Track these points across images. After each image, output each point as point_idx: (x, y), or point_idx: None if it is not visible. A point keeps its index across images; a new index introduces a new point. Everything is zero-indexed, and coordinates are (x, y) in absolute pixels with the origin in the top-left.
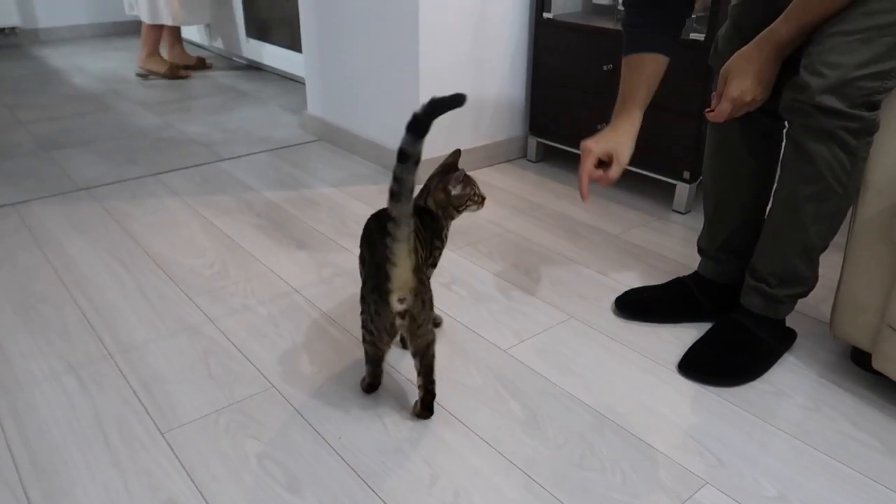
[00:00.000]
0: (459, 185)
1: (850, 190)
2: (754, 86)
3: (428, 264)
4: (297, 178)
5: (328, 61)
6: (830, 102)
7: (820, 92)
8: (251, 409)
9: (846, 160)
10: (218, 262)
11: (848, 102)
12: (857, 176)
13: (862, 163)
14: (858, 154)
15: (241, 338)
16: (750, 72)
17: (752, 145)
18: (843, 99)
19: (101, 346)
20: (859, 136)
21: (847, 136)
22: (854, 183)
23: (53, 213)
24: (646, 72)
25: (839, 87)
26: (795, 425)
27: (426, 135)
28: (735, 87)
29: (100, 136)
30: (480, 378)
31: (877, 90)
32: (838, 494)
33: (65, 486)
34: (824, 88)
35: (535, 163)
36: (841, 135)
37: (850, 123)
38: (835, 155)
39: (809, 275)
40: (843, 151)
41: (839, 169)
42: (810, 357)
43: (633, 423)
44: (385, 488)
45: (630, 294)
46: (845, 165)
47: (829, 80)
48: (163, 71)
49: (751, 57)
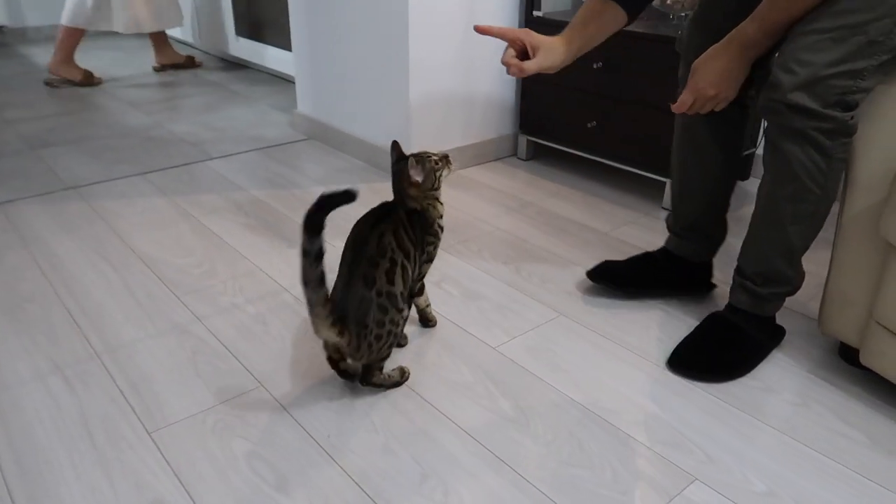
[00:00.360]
0: (417, 167)
1: (829, 191)
2: (719, 81)
3: (422, 261)
4: (287, 177)
5: (318, 60)
6: (802, 101)
7: (791, 89)
8: (239, 409)
9: (821, 161)
10: (206, 261)
11: (820, 102)
12: (834, 176)
13: (839, 164)
14: (834, 155)
15: (230, 337)
16: (715, 67)
17: (714, 132)
18: (815, 98)
19: (88, 346)
20: (833, 137)
21: (820, 137)
22: (832, 184)
23: (40, 213)
24: (602, 17)
25: (810, 85)
26: (784, 421)
27: (322, 231)
28: (699, 78)
29: (88, 135)
30: (470, 375)
31: (850, 89)
32: (826, 489)
33: (50, 486)
34: (795, 86)
35: (525, 161)
36: (814, 135)
37: (822, 124)
38: (809, 156)
39: (793, 274)
40: (818, 152)
41: (815, 170)
42: (799, 353)
43: (622, 420)
44: (375, 487)
45: (603, 265)
46: (820, 166)
47: (801, 77)
48: (78, 79)
49: (718, 53)
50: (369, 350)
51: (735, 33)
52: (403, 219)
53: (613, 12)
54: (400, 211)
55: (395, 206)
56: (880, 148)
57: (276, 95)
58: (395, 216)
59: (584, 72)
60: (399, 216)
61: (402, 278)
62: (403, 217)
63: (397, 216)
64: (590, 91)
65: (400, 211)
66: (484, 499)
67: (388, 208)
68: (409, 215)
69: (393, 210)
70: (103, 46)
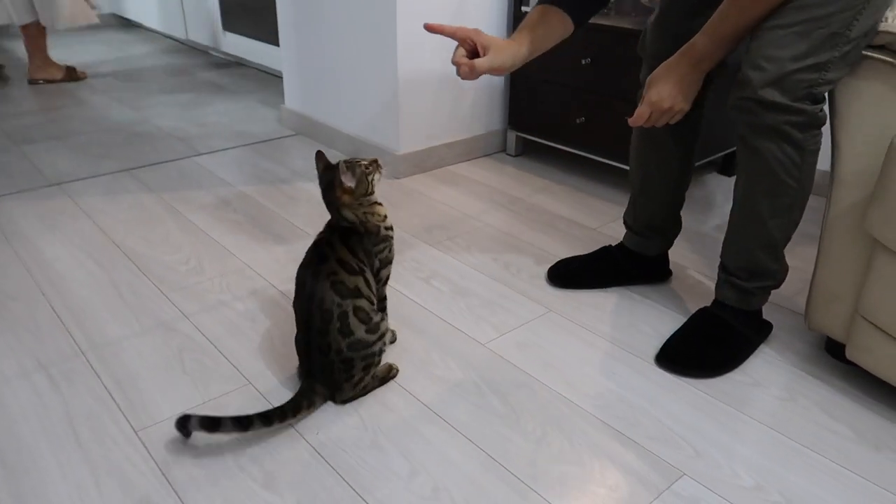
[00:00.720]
0: (348, 173)
1: (804, 183)
2: (673, 94)
3: (380, 268)
4: (275, 173)
5: (306, 55)
6: (772, 97)
7: (762, 86)
8: (227, 406)
9: (795, 154)
10: (193, 257)
11: (790, 96)
12: (808, 169)
13: (812, 156)
14: (806, 147)
15: (217, 334)
16: (670, 80)
17: (673, 131)
18: (785, 92)
19: (73, 344)
20: (805, 129)
21: (792, 131)
22: (807, 176)
23: (23, 209)
24: (550, 22)
25: (779, 80)
26: (771, 416)
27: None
28: (654, 92)
29: (72, 130)
30: (459, 372)
31: (816, 82)
32: (813, 483)
33: (35, 485)
34: (765, 82)
35: (514, 157)
36: (786, 129)
37: (794, 117)
38: (783, 150)
39: (776, 267)
40: (791, 146)
41: (789, 164)
42: (785, 348)
43: (610, 416)
44: (363, 483)
45: (560, 265)
46: (794, 160)
47: (769, 73)
48: (60, 77)
49: (671, 67)
50: (353, 390)
51: (686, 48)
52: (341, 250)
53: (560, 18)
54: (335, 240)
55: (331, 235)
56: (864, 144)
57: (263, 91)
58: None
59: (572, 68)
60: (335, 250)
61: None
62: (340, 247)
63: (333, 251)
64: (578, 87)
65: (335, 240)
66: (473, 494)
67: (321, 248)
68: (348, 237)
69: (329, 244)
70: (87, 41)
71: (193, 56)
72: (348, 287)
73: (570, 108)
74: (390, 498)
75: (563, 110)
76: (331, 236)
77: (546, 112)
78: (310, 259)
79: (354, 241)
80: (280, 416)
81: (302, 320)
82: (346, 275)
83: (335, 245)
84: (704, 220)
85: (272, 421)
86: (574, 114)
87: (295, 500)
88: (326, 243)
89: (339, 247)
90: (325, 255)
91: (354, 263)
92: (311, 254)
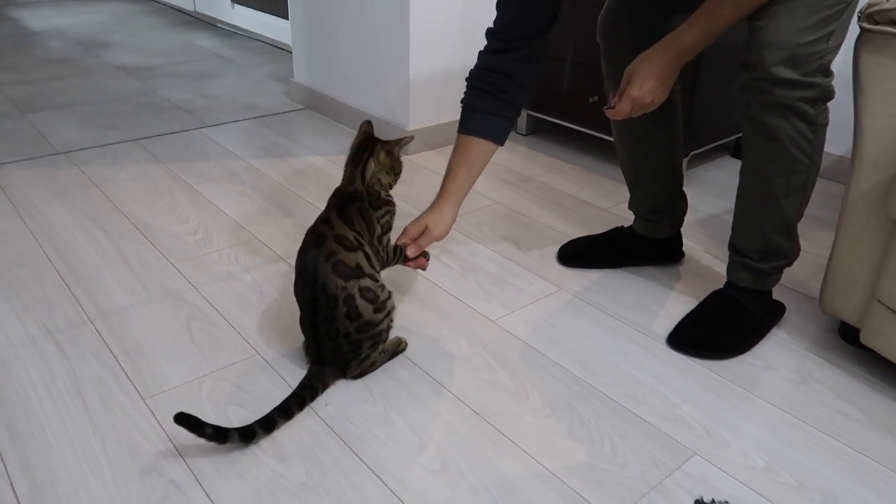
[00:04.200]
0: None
1: (816, 159)
2: (655, 88)
3: (381, 233)
4: (283, 147)
5: (315, 28)
6: (786, 74)
7: (775, 64)
8: (235, 377)
9: (807, 130)
10: (201, 228)
11: (802, 70)
12: (819, 144)
13: (823, 131)
14: (818, 122)
15: (225, 305)
16: (652, 75)
17: (654, 118)
18: (797, 67)
19: (81, 311)
20: (816, 104)
21: (805, 106)
22: (818, 151)
23: (30, 177)
24: (470, 156)
25: (791, 56)
26: (783, 398)
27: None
28: (636, 88)
29: (79, 99)
30: (469, 348)
31: (824, 52)
32: (825, 466)
33: (42, 451)
34: (778, 60)
35: (525, 136)
36: (799, 106)
37: (806, 92)
38: (795, 127)
39: (790, 246)
40: (804, 122)
41: (802, 140)
42: (798, 332)
43: (621, 395)
44: (372, 456)
45: (571, 244)
46: (807, 136)
47: (781, 51)
48: None
49: (653, 60)
50: (361, 366)
51: (671, 41)
52: (338, 225)
53: (478, 146)
54: (332, 216)
55: (328, 211)
56: (887, 125)
57: (271, 64)
58: (329, 232)
59: (586, 46)
60: (333, 226)
61: (369, 295)
62: (337, 221)
63: (331, 229)
64: (592, 65)
65: (332, 216)
66: (482, 469)
67: (319, 229)
68: (345, 207)
69: (326, 221)
70: (95, 11)
71: (201, 28)
72: (349, 266)
73: (583, 87)
74: (399, 471)
75: (576, 89)
76: (328, 213)
77: (558, 90)
78: (308, 243)
79: (353, 211)
80: (299, 404)
81: (307, 306)
82: (346, 252)
83: (332, 221)
84: (717, 202)
85: (292, 412)
86: (587, 92)
87: (303, 471)
88: (323, 221)
89: (336, 222)
90: (322, 236)
91: (352, 237)
92: (309, 237)
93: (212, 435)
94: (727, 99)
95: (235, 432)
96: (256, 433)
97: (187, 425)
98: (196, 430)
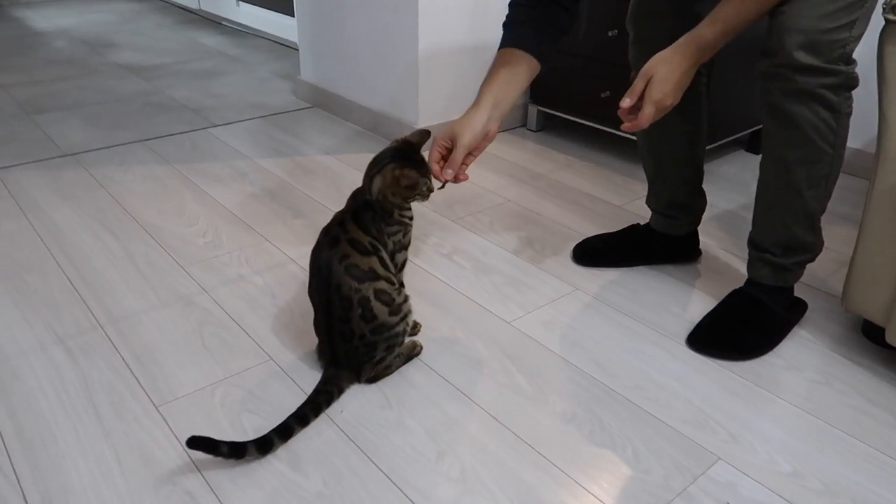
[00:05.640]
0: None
1: (839, 149)
2: (675, 92)
3: (394, 250)
4: (291, 146)
5: (322, 25)
6: (807, 60)
7: (795, 49)
8: (248, 383)
9: (830, 118)
10: (211, 230)
11: (824, 57)
12: (843, 133)
13: (846, 119)
14: (842, 110)
15: (237, 308)
16: (673, 76)
17: (678, 110)
18: (819, 54)
19: (90, 316)
20: (839, 91)
21: (828, 94)
22: (841, 141)
23: (37, 179)
24: (509, 63)
25: (813, 42)
26: (807, 399)
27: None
28: (657, 90)
29: (85, 100)
30: (485, 351)
31: (847, 40)
32: (853, 470)
33: (54, 459)
34: (799, 45)
35: (535, 132)
36: (822, 93)
37: (829, 79)
38: (818, 114)
39: (813, 240)
40: (827, 110)
41: (825, 128)
42: (820, 331)
43: (642, 398)
44: (390, 464)
45: (586, 243)
46: (830, 124)
47: (803, 37)
48: None
49: (674, 61)
50: (375, 369)
51: (692, 39)
52: (353, 229)
53: (522, 59)
54: (347, 219)
55: (344, 214)
56: None
57: (277, 62)
58: (343, 235)
59: (598, 40)
60: (347, 230)
61: (385, 297)
62: (351, 226)
63: (345, 232)
64: (604, 60)
65: (347, 219)
66: (502, 476)
67: (333, 231)
68: (361, 213)
69: (341, 224)
70: (99, 10)
71: (206, 26)
72: (362, 269)
73: (596, 82)
74: (418, 479)
75: (588, 84)
76: (343, 215)
77: (570, 86)
78: (321, 244)
79: (367, 219)
80: (315, 410)
81: (321, 307)
82: (359, 256)
83: (346, 225)
84: (732, 198)
85: (308, 419)
86: (599, 87)
87: (320, 480)
88: (338, 223)
89: (350, 226)
90: (336, 238)
91: (367, 242)
92: (323, 238)
93: (228, 453)
94: (741, 92)
95: (252, 445)
96: (273, 443)
97: (203, 448)
98: (212, 451)
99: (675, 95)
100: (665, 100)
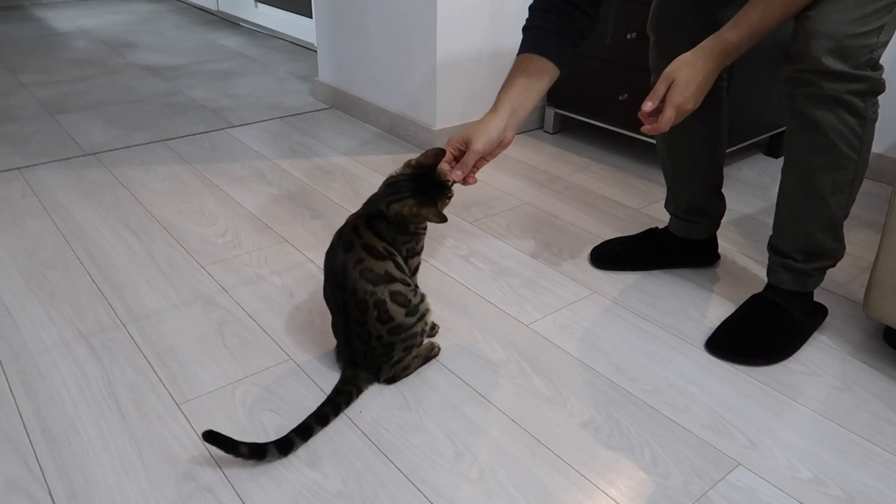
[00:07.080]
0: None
1: (864, 154)
2: (698, 94)
3: (407, 256)
4: (309, 147)
5: (340, 27)
6: (834, 65)
7: (823, 54)
8: (268, 382)
9: (856, 124)
10: (230, 230)
11: (851, 63)
12: (868, 139)
13: (871, 125)
14: (868, 116)
15: (256, 308)
16: (695, 80)
17: (697, 114)
18: (847, 60)
19: (113, 314)
20: (866, 97)
21: (854, 99)
22: (866, 147)
23: (60, 179)
24: (527, 70)
25: (840, 48)
26: (827, 406)
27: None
28: (679, 93)
29: (105, 100)
30: (503, 353)
31: (875, 46)
32: (874, 477)
33: (78, 455)
34: (826, 51)
35: (552, 134)
36: (848, 98)
37: (856, 85)
38: (843, 121)
39: (836, 246)
40: (853, 116)
41: (850, 134)
42: (840, 337)
43: (660, 402)
44: (409, 465)
45: (604, 246)
46: (856, 130)
47: (830, 42)
48: None
49: (698, 64)
50: (392, 369)
51: (716, 42)
52: (367, 235)
53: (541, 65)
54: (361, 224)
55: (357, 218)
56: None
57: (295, 63)
58: (357, 240)
59: (616, 43)
60: (361, 235)
61: (400, 299)
62: (365, 231)
63: (359, 237)
64: (623, 62)
65: (361, 224)
66: (520, 478)
67: (346, 235)
68: (375, 221)
69: (354, 229)
70: (117, 10)
71: (224, 27)
72: (377, 273)
73: (613, 85)
74: (437, 480)
75: (606, 86)
76: (357, 220)
77: (587, 88)
78: (335, 246)
79: (382, 227)
80: (335, 410)
81: (338, 310)
82: (374, 260)
83: (360, 230)
84: (751, 202)
85: (328, 419)
86: (617, 90)
87: (340, 480)
88: (352, 228)
89: (364, 231)
90: (350, 243)
91: (381, 248)
92: (337, 241)
93: (249, 454)
94: (761, 96)
95: (273, 446)
96: (294, 443)
97: (220, 445)
98: (231, 451)
99: (697, 99)
100: (686, 104)
